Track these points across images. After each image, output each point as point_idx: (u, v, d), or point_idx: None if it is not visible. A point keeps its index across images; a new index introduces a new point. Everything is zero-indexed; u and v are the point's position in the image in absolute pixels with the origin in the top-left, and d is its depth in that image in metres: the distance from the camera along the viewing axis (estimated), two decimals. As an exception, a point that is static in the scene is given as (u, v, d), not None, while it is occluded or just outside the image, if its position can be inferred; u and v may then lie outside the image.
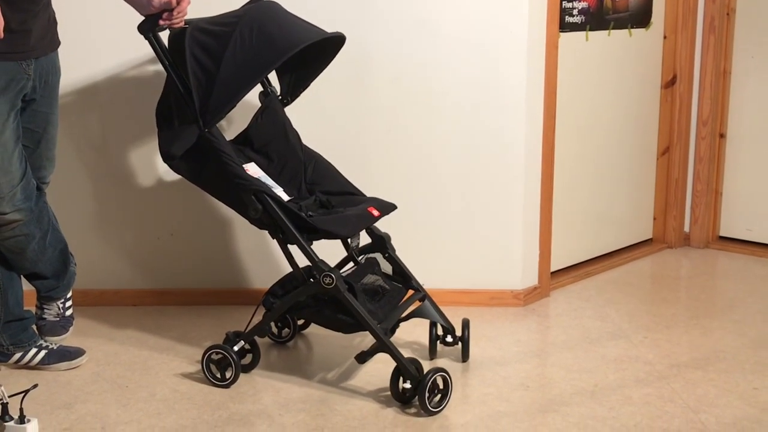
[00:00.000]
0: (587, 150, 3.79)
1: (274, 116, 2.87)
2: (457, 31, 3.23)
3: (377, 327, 2.54)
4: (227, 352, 2.69)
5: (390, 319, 2.64)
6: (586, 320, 3.28)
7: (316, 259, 2.55)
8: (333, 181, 2.83)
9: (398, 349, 2.54)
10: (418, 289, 2.84)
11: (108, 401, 2.65)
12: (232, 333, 2.74)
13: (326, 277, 2.52)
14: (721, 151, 4.11)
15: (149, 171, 3.35)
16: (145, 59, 3.19)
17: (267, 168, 2.84)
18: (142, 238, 3.42)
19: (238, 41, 2.49)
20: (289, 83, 2.89)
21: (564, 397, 2.65)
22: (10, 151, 2.53)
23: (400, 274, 2.84)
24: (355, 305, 2.54)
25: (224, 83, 2.48)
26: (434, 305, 2.84)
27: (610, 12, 3.74)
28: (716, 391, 2.67)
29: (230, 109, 2.53)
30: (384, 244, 2.81)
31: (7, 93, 2.50)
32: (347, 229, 2.60)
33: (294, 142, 2.87)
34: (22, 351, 2.82)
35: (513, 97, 3.28)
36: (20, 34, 2.49)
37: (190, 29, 2.56)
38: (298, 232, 2.53)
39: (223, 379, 2.71)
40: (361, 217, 2.66)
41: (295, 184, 2.84)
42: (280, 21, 2.58)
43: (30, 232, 2.67)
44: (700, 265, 3.96)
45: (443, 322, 2.85)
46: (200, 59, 2.51)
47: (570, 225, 3.74)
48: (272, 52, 2.49)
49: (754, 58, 3.97)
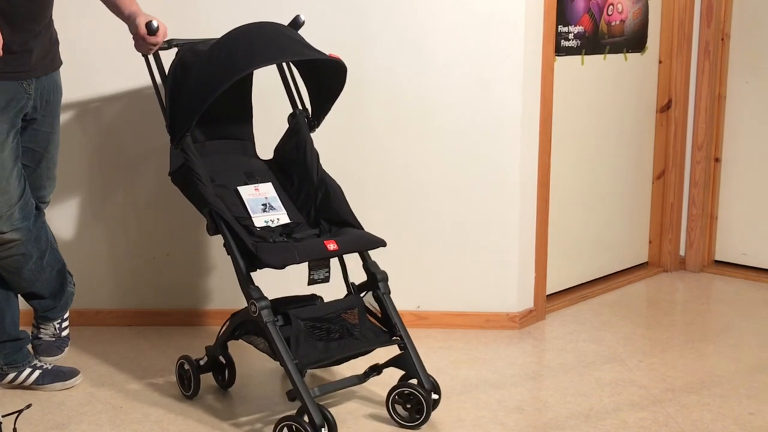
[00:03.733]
0: (583, 173, 3.81)
1: (298, 138, 2.87)
2: (452, 55, 3.25)
3: (292, 365, 2.41)
4: (191, 365, 2.76)
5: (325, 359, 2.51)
6: (582, 343, 3.28)
7: (246, 285, 2.52)
8: (336, 209, 2.78)
9: (310, 395, 2.40)
10: (401, 337, 2.62)
11: (102, 422, 2.64)
12: (208, 347, 2.80)
13: (251, 305, 2.49)
14: (717, 176, 4.13)
15: (146, 190, 3.35)
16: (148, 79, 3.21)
17: (289, 189, 2.86)
18: (138, 259, 3.42)
19: (206, 59, 2.53)
20: (315, 106, 2.87)
21: (559, 421, 2.65)
22: (8, 171, 2.54)
23: (385, 318, 2.67)
24: (274, 337, 2.44)
25: (186, 99, 2.53)
26: (416, 358, 2.61)
27: (606, 36, 3.77)
28: (711, 416, 2.67)
29: (191, 125, 2.54)
30: (375, 283, 2.67)
31: (7, 112, 2.51)
32: (279, 260, 2.49)
33: (310, 166, 2.83)
34: (17, 371, 2.82)
35: (509, 120, 3.29)
36: (21, 54, 2.51)
37: (183, 50, 2.62)
38: (240, 255, 2.53)
39: (188, 389, 2.78)
40: (309, 249, 2.56)
41: (306, 209, 2.83)
42: (258, 39, 2.55)
43: (27, 252, 2.67)
44: (696, 289, 3.97)
45: (422, 377, 2.58)
46: (177, 78, 2.58)
47: (566, 248, 3.75)
48: (228, 69, 2.47)
49: (749, 83, 4.00)
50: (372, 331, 2.63)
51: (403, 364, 2.63)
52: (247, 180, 2.80)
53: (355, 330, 2.58)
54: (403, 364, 2.63)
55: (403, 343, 2.63)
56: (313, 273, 2.55)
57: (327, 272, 2.57)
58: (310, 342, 2.50)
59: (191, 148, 2.60)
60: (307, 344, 2.49)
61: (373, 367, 2.67)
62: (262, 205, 2.76)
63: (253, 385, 2.88)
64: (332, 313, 2.58)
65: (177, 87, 2.58)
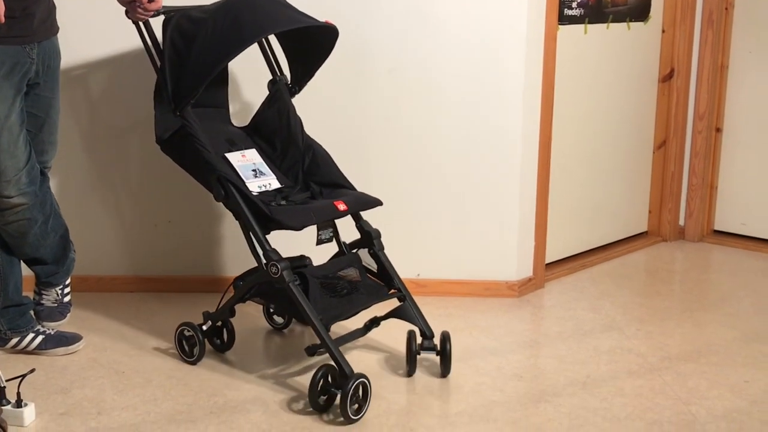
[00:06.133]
0: (584, 142, 3.81)
1: (279, 104, 2.91)
2: (456, 24, 3.24)
3: (318, 322, 2.49)
4: (194, 331, 2.79)
5: (343, 314, 2.61)
6: (580, 312, 3.31)
7: (267, 248, 2.56)
8: (326, 172, 2.84)
9: (338, 349, 2.48)
10: (400, 289, 2.74)
11: (104, 386, 2.67)
12: (205, 313, 2.82)
13: (272, 267, 2.53)
14: (717, 146, 4.13)
15: (148, 157, 3.36)
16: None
17: (271, 155, 2.89)
18: (140, 225, 3.43)
19: (210, 26, 2.54)
20: (296, 73, 2.91)
21: (557, 388, 2.68)
22: (16, 135, 2.55)
23: (382, 273, 2.76)
24: (298, 297, 2.51)
25: (193, 67, 2.54)
26: (415, 308, 2.74)
27: (609, 5, 3.75)
28: (707, 384, 2.70)
29: (197, 93, 2.56)
30: (371, 241, 2.76)
31: (12, 77, 2.51)
32: (297, 221, 2.55)
33: (295, 131, 2.89)
34: (20, 336, 2.84)
35: (511, 89, 3.29)
36: (23, 18, 2.51)
37: (177, 16, 2.63)
38: (255, 219, 2.57)
39: (191, 355, 2.81)
40: (322, 210, 2.64)
41: (293, 173, 2.87)
42: (259, 8, 2.59)
43: (33, 217, 2.69)
44: (695, 258, 3.98)
45: (422, 325, 2.72)
46: (177, 45, 2.59)
47: (565, 217, 3.76)
48: (238, 37, 2.51)
49: (752, 53, 3.98)
50: (372, 286, 2.73)
51: (404, 315, 2.75)
52: (230, 147, 2.83)
53: (359, 285, 2.68)
54: (403, 315, 2.75)
55: (402, 295, 2.74)
56: (321, 233, 2.64)
57: (332, 232, 2.69)
58: (326, 299, 2.59)
59: (191, 116, 2.62)
60: (324, 301, 2.58)
61: (372, 319, 2.77)
62: (252, 171, 2.80)
63: (248, 346, 2.91)
64: (338, 271, 2.67)
65: (179, 55, 2.58)
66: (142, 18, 2.63)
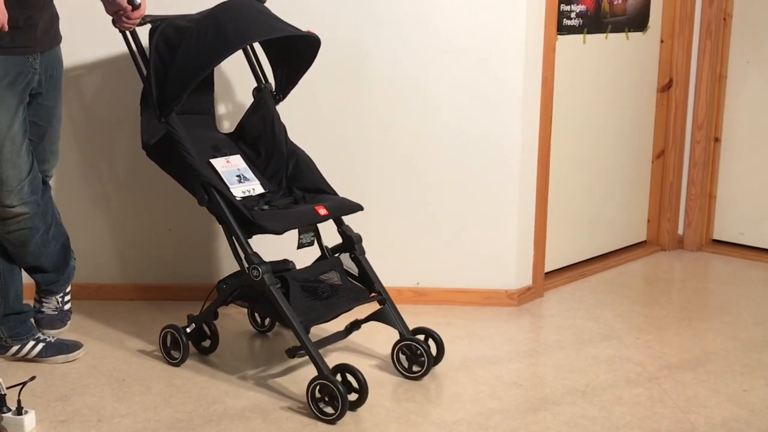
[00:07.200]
0: (583, 152, 3.82)
1: (264, 111, 2.95)
2: (454, 33, 3.26)
3: (298, 324, 2.55)
4: (178, 333, 2.83)
5: (323, 317, 2.66)
6: (579, 321, 3.31)
7: (248, 251, 2.60)
8: (309, 178, 2.89)
9: (317, 351, 2.55)
10: (380, 293, 2.78)
11: (104, 394, 2.67)
12: (189, 315, 2.86)
13: (254, 270, 2.58)
14: (716, 155, 4.14)
15: (147, 165, 3.35)
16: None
17: (255, 161, 2.93)
18: (140, 234, 3.44)
19: (194, 35, 2.58)
20: (280, 80, 2.95)
21: (555, 396, 2.68)
22: (19, 145, 2.56)
23: (363, 277, 2.81)
24: (278, 300, 2.56)
25: (176, 74, 2.59)
26: (395, 311, 2.78)
27: (608, 15, 3.77)
28: (706, 393, 2.70)
29: (181, 100, 2.60)
30: (352, 245, 2.81)
31: (15, 87, 2.53)
32: (279, 225, 2.60)
33: (279, 137, 2.93)
34: (20, 343, 2.85)
35: (510, 98, 3.30)
36: (27, 29, 2.52)
37: (163, 25, 2.67)
38: (237, 223, 2.61)
39: (174, 357, 2.86)
40: (303, 215, 2.70)
41: (276, 179, 2.91)
42: (242, 17, 2.63)
43: (35, 226, 2.70)
44: (693, 268, 3.99)
45: (401, 328, 2.77)
46: (162, 52, 2.63)
47: (565, 226, 3.77)
48: (220, 45, 2.55)
49: (750, 63, 4.00)
50: (352, 289, 2.77)
51: (384, 318, 2.80)
52: (215, 153, 2.87)
53: (340, 289, 2.73)
54: (383, 318, 2.80)
55: (383, 298, 2.79)
56: (302, 237, 2.69)
57: (313, 236, 2.75)
58: (307, 302, 2.63)
59: (176, 122, 2.67)
60: (304, 304, 2.62)
61: (353, 323, 2.81)
62: (236, 176, 2.84)
63: (232, 348, 2.93)
64: (319, 275, 2.72)
65: (163, 63, 2.62)
66: (128, 27, 2.68)
